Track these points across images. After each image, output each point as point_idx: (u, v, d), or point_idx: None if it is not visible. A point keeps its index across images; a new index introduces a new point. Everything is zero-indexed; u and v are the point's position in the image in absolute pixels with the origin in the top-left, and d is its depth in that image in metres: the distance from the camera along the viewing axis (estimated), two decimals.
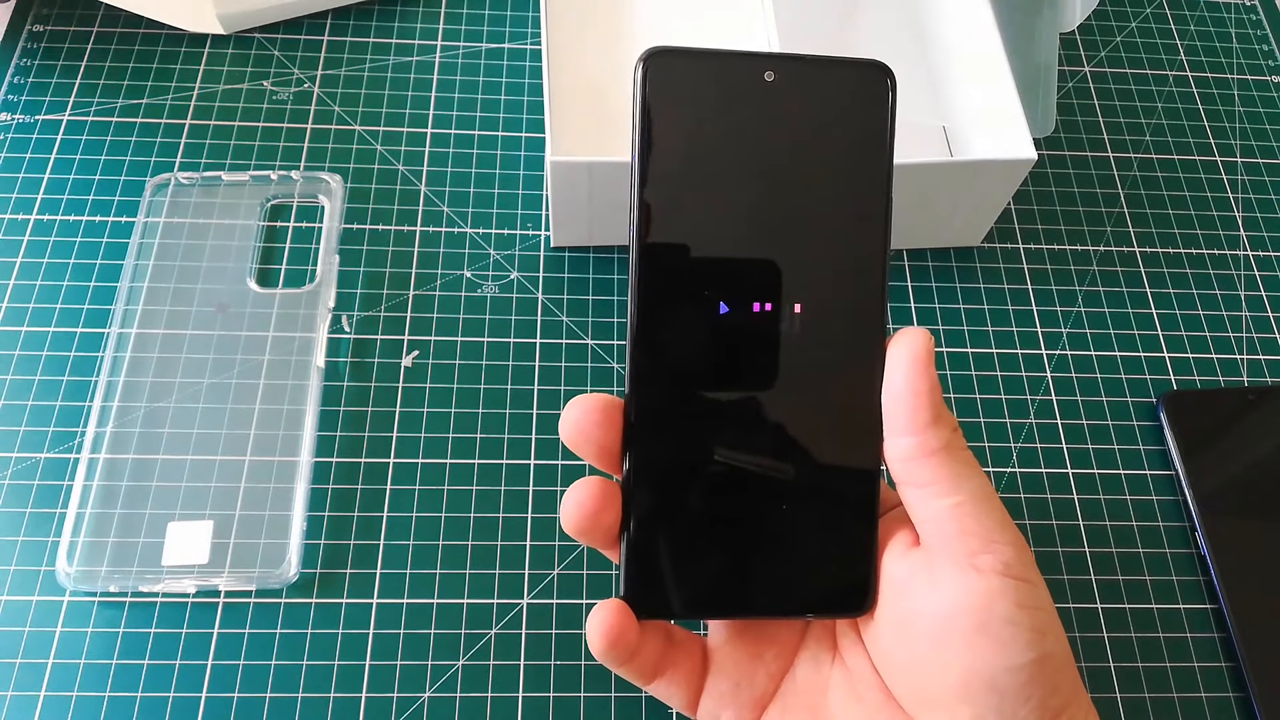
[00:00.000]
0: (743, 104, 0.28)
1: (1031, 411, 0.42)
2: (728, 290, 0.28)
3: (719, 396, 0.28)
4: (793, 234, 0.29)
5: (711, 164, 0.28)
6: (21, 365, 0.40)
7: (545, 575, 0.37)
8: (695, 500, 0.28)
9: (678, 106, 0.28)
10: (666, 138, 0.28)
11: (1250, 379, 0.44)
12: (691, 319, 0.28)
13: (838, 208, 0.29)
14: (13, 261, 0.42)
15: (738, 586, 0.27)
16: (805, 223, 0.28)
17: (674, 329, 0.28)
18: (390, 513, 0.38)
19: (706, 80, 0.28)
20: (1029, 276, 0.46)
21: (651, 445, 0.28)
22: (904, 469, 0.26)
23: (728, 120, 0.28)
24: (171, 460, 0.38)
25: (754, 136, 0.28)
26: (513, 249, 0.45)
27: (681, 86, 0.28)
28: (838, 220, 0.29)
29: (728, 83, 0.28)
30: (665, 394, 0.28)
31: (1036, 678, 0.24)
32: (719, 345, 0.28)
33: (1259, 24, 0.56)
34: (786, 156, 0.29)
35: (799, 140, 0.28)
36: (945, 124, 0.47)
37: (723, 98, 0.28)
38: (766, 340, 0.28)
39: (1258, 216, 0.49)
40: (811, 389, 0.28)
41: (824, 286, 0.28)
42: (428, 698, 0.35)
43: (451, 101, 0.48)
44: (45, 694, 0.34)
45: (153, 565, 0.36)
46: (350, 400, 0.40)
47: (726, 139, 0.28)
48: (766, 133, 0.28)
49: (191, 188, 0.44)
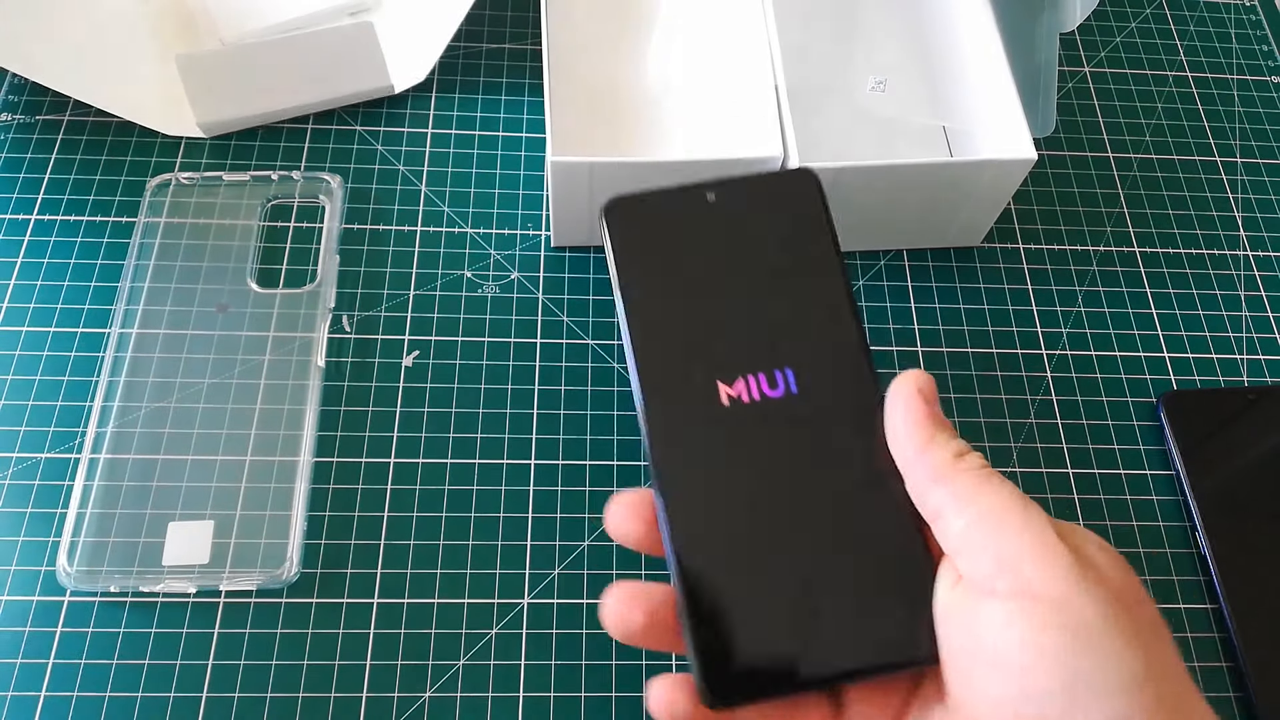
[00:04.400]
0: (694, 226, 0.33)
1: (1031, 411, 0.42)
2: (728, 379, 0.31)
3: (747, 480, 0.30)
4: (775, 318, 0.32)
5: (685, 279, 0.32)
6: (22, 365, 0.40)
7: (546, 575, 0.37)
8: (747, 578, 0.29)
9: (641, 240, 0.33)
10: (638, 269, 0.32)
11: (1250, 379, 0.44)
12: (700, 416, 0.31)
13: (801, 288, 0.32)
14: (13, 262, 0.42)
15: (805, 658, 0.28)
16: (782, 305, 0.32)
17: (686, 430, 0.31)
18: (391, 512, 0.38)
19: (659, 214, 0.33)
20: (1029, 276, 0.46)
21: (693, 537, 0.29)
22: (919, 504, 0.26)
23: (685, 242, 0.33)
24: (172, 460, 0.38)
25: (712, 249, 0.33)
26: (513, 249, 0.45)
27: (640, 224, 0.33)
28: (806, 298, 0.32)
29: (677, 212, 0.33)
30: (694, 488, 0.30)
31: (1072, 702, 0.22)
32: (733, 432, 0.30)
33: (1259, 24, 0.56)
34: (745, 258, 0.33)
35: (751, 243, 0.33)
36: (945, 124, 0.47)
37: (675, 225, 0.33)
38: (773, 418, 0.30)
39: (1257, 217, 0.49)
40: (829, 452, 0.30)
41: (812, 357, 0.31)
42: (428, 697, 0.35)
43: (452, 102, 0.48)
44: (46, 694, 0.34)
45: (153, 565, 0.36)
46: (351, 400, 0.40)
47: (689, 258, 0.33)
48: (722, 244, 0.33)
49: (192, 188, 0.44)
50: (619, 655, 0.36)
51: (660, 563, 0.38)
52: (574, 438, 0.40)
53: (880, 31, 0.49)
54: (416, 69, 0.48)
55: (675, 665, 0.36)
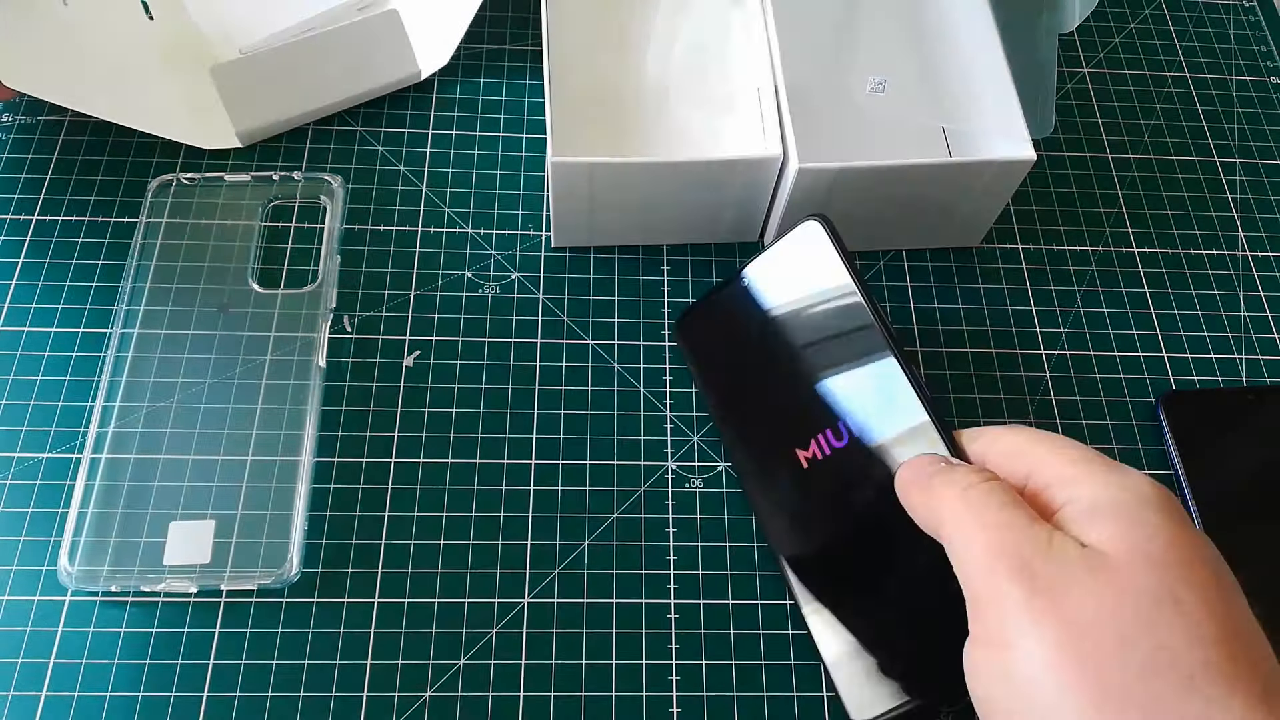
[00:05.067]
0: (742, 313, 0.39)
1: (1031, 412, 0.42)
2: (806, 442, 0.36)
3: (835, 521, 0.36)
4: (834, 378, 0.36)
5: (747, 363, 0.38)
6: (24, 365, 0.40)
7: (546, 574, 0.37)
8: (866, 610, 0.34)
9: (703, 341, 0.40)
10: (707, 359, 0.40)
11: (1249, 379, 0.44)
12: (791, 477, 0.36)
13: (838, 337, 0.36)
14: (15, 262, 0.42)
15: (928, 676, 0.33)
16: (837, 365, 0.36)
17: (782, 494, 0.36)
18: (391, 512, 0.38)
19: (716, 311, 0.40)
20: (1028, 276, 0.46)
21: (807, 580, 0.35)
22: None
23: (739, 326, 0.39)
24: (173, 460, 0.38)
25: (761, 325, 0.38)
26: (514, 249, 0.45)
27: (704, 327, 0.41)
28: (845, 347, 0.36)
29: (729, 303, 0.40)
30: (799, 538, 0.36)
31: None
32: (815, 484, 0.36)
33: (1258, 25, 0.56)
34: (786, 326, 0.38)
35: (789, 302, 0.38)
36: (945, 124, 0.47)
37: (729, 313, 0.39)
38: (846, 469, 0.35)
39: (1256, 217, 0.49)
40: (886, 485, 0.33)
41: (868, 411, 0.35)
42: (429, 697, 0.35)
43: (453, 102, 0.48)
44: (46, 694, 0.34)
45: (154, 565, 0.36)
46: (352, 400, 0.40)
47: (745, 341, 0.39)
48: (766, 314, 0.38)
49: (194, 188, 0.44)
50: (619, 655, 0.36)
51: (659, 563, 0.39)
52: (574, 438, 0.40)
53: (880, 31, 0.49)
54: (440, 53, 0.48)
55: (675, 666, 0.36)
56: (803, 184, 0.40)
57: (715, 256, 0.45)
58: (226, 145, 0.45)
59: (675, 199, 0.42)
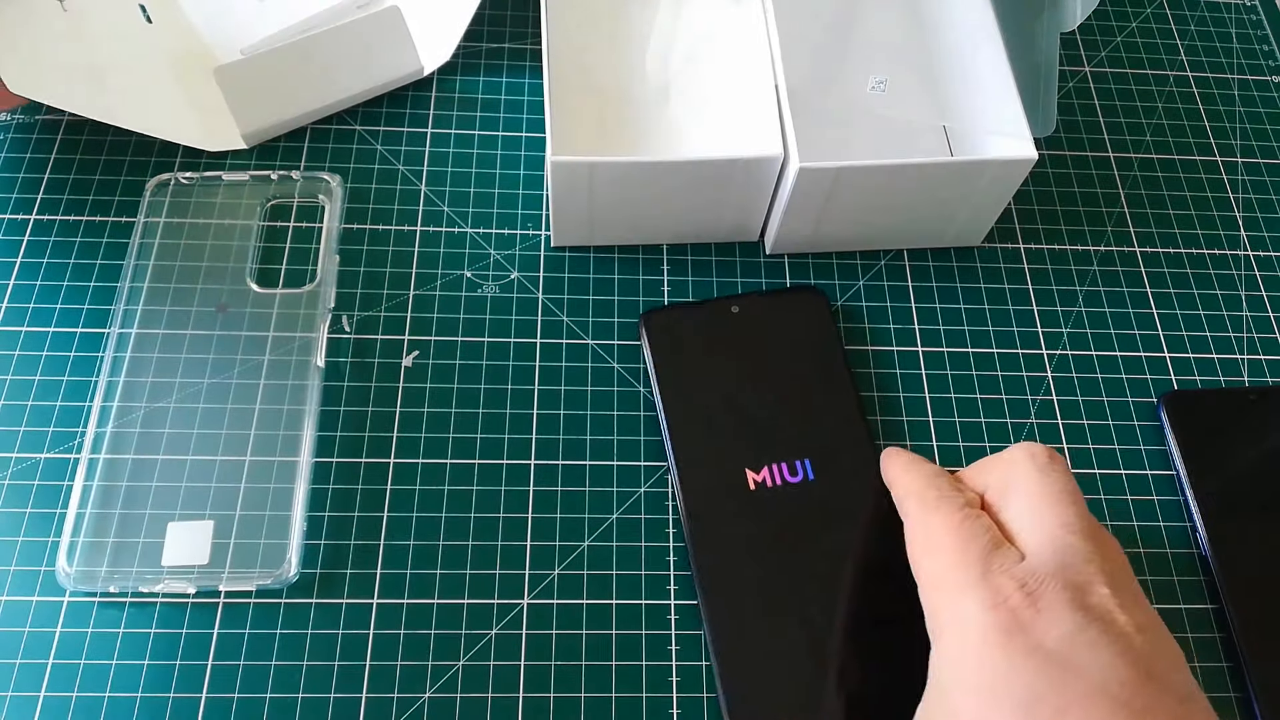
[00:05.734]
0: (720, 331, 0.40)
1: (1032, 411, 0.42)
2: (754, 467, 0.37)
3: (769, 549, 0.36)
4: (794, 416, 0.38)
5: (713, 377, 0.39)
6: (21, 365, 0.40)
7: (546, 575, 0.37)
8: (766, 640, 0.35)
9: (673, 345, 0.40)
10: (672, 369, 0.40)
11: (1251, 379, 0.44)
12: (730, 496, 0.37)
13: (814, 388, 0.39)
14: (12, 261, 0.42)
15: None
16: (798, 404, 0.38)
17: (718, 507, 0.37)
18: (390, 513, 0.38)
19: (689, 321, 0.41)
20: (1029, 276, 0.46)
21: (719, 604, 0.36)
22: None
23: (712, 344, 0.40)
24: (171, 460, 0.38)
25: (735, 351, 0.40)
26: (513, 249, 0.44)
27: (673, 331, 0.40)
28: (819, 398, 0.39)
29: (704, 320, 0.41)
30: (723, 556, 0.36)
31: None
32: (758, 511, 0.37)
33: (1259, 24, 0.56)
34: (766, 361, 0.40)
35: (771, 345, 0.40)
36: (945, 124, 0.47)
37: (702, 330, 0.40)
38: (797, 505, 0.37)
39: (1258, 216, 0.49)
40: (839, 528, 0.36)
41: (828, 446, 0.38)
42: (428, 698, 0.35)
43: (452, 101, 0.48)
44: (45, 694, 0.34)
45: (153, 565, 0.36)
46: (350, 400, 0.40)
47: (714, 358, 0.40)
48: (744, 346, 0.40)
49: (192, 187, 0.44)
50: (619, 655, 0.36)
51: (659, 564, 0.39)
52: (574, 438, 0.40)
53: (880, 31, 0.48)
54: (442, 49, 0.48)
55: (676, 667, 0.36)
56: (803, 184, 0.40)
57: (715, 256, 0.45)
58: (231, 147, 0.45)
59: (675, 199, 0.42)
